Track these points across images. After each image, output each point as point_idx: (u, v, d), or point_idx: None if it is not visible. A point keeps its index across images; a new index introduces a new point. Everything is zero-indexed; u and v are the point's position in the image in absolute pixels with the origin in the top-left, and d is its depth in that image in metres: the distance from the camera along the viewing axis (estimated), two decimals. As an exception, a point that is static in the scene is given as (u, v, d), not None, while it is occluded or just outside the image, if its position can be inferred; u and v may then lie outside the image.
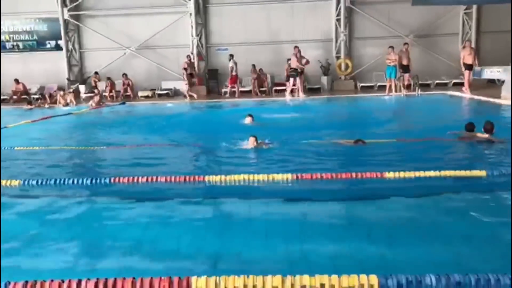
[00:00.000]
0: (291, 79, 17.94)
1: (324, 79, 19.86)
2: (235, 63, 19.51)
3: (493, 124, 7.51)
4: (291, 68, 17.89)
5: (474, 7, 19.19)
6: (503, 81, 14.34)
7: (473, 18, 19.41)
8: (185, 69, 19.34)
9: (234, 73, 19.50)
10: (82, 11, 21.24)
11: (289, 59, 18.21)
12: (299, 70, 17.82)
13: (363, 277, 2.93)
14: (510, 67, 12.22)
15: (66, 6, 20.90)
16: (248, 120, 10.52)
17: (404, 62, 17.39)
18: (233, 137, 8.30)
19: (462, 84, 16.74)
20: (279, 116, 12.26)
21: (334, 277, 2.94)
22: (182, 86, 19.55)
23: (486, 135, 7.43)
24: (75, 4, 20.95)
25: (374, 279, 2.92)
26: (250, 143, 7.41)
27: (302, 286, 2.93)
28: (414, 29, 19.83)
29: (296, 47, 17.93)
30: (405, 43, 18.05)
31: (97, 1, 20.97)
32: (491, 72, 12.91)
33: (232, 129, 9.76)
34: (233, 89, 19.52)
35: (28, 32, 21.70)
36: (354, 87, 19.96)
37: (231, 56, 19.61)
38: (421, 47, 19.77)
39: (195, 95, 18.99)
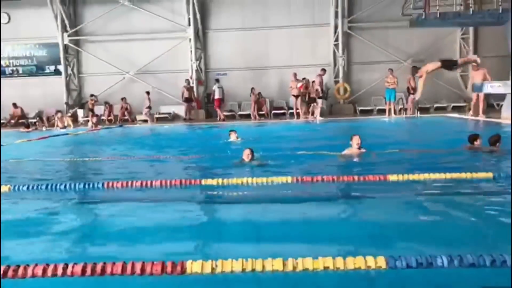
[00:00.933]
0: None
1: (324, 103, 19.82)
2: (219, 88, 19.42)
3: (499, 136, 7.39)
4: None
5: (471, 32, 19.39)
6: (501, 105, 14.32)
7: (470, 43, 19.62)
8: (184, 93, 19.40)
9: (217, 97, 19.39)
10: (82, 36, 21.42)
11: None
12: (296, 94, 18.00)
13: (370, 258, 2.71)
14: (510, 81, 12.20)
15: (66, 31, 21.09)
16: (232, 137, 10.25)
17: (414, 85, 17.26)
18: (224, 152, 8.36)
19: (461, 108, 16.71)
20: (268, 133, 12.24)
21: (339, 259, 2.72)
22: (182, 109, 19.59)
23: (492, 147, 7.31)
24: (75, 29, 21.15)
25: (381, 260, 2.70)
26: (245, 156, 7.08)
27: (305, 269, 2.71)
28: (412, 54, 19.99)
29: (293, 73, 18.10)
30: (414, 66, 18.14)
31: (97, 27, 21.17)
32: (491, 87, 12.88)
33: (221, 146, 9.80)
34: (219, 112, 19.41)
35: (28, 57, 21.82)
36: (353, 111, 19.94)
37: (217, 80, 19.61)
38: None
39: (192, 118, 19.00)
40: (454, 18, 14.30)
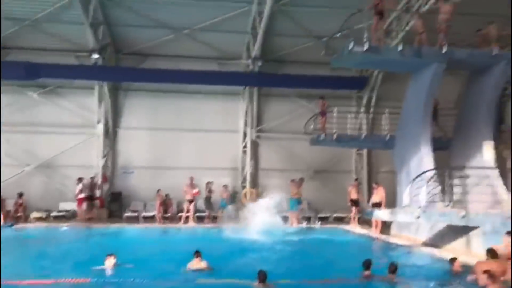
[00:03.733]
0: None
1: (230, 208, 20.13)
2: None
3: (396, 266, 7.93)
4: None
5: (365, 149, 21.35)
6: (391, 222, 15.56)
7: (364, 159, 21.54)
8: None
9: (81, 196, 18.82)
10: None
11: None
12: (190, 199, 18.27)
13: None
14: (396, 209, 13.40)
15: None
16: (108, 263, 8.81)
17: (353, 197, 17.85)
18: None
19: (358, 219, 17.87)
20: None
21: None
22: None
23: (389, 276, 7.83)
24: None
25: None
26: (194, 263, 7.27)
27: None
28: (313, 165, 21.36)
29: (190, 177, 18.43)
30: (356, 179, 19.21)
31: (-1, 116, 20.27)
32: (379, 212, 14.03)
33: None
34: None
35: None
36: (257, 217, 20.40)
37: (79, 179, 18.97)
38: (320, 182, 21.16)
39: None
40: (348, 141, 15.81)
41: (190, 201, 18.31)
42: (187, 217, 18.20)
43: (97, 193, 19.63)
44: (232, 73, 20.82)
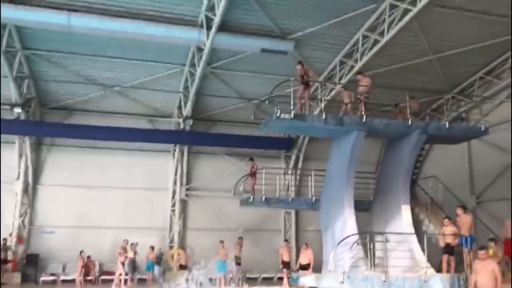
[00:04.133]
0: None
1: (156, 269, 19.42)
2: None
3: None
4: None
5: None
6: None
7: (292, 218, 21.92)
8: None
9: None
10: None
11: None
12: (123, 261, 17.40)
13: None
14: (321, 274, 13.60)
15: None
16: None
17: (285, 258, 17.18)
18: None
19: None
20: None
21: None
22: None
23: None
24: None
25: None
26: None
27: None
28: (243, 223, 21.32)
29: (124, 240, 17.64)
30: (286, 240, 19.16)
31: None
32: (305, 278, 14.15)
33: None
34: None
35: None
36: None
37: None
38: (249, 241, 21.04)
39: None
40: (276, 203, 16.10)
41: (123, 263, 17.39)
42: (126, 280, 17.21)
43: (9, 255, 18.22)
44: (163, 131, 20.77)
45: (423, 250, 12.80)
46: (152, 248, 18.87)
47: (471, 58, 17.98)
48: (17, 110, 18.60)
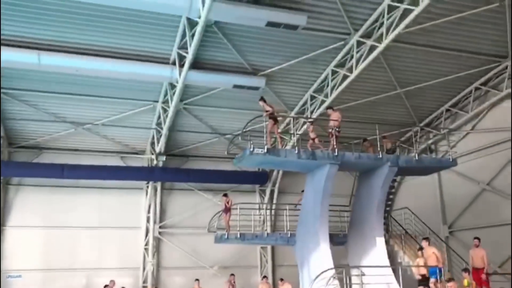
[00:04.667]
0: None
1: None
2: None
3: None
4: None
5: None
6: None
7: (268, 253, 21.68)
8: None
9: None
10: None
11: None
12: None
13: None
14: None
15: None
16: None
17: None
18: None
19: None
20: None
21: None
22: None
23: None
24: None
25: None
26: None
27: None
28: (218, 261, 20.94)
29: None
30: (265, 276, 19.19)
31: None
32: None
33: None
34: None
35: None
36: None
37: None
38: (225, 278, 20.64)
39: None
40: (252, 239, 15.94)
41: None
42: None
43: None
44: (135, 167, 20.48)
45: (398, 282, 12.85)
46: (125, 290, 18.28)
47: (436, 92, 18.65)
48: (-16, 150, 18.09)
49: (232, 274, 18.06)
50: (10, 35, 13.73)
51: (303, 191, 16.05)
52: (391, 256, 14.47)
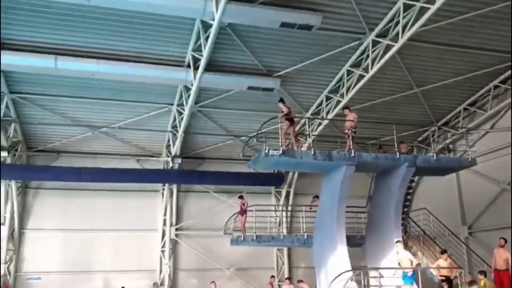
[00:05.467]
0: None
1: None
2: None
3: None
4: None
5: (285, 248, 21.41)
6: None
7: (284, 255, 21.58)
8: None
9: None
10: None
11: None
12: None
13: None
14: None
15: None
16: None
17: None
18: None
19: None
20: None
21: None
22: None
23: None
24: None
25: None
26: None
27: None
28: (234, 263, 20.91)
29: None
30: (272, 276, 19.31)
31: None
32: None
33: None
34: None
35: None
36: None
37: None
38: (242, 280, 20.70)
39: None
40: (268, 241, 15.87)
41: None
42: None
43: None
44: (151, 170, 20.59)
45: (417, 284, 12.65)
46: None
47: (454, 91, 18.35)
48: (3, 154, 18.33)
49: (273, 276, 18.46)
50: (28, 40, 13.93)
51: (315, 196, 15.98)
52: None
